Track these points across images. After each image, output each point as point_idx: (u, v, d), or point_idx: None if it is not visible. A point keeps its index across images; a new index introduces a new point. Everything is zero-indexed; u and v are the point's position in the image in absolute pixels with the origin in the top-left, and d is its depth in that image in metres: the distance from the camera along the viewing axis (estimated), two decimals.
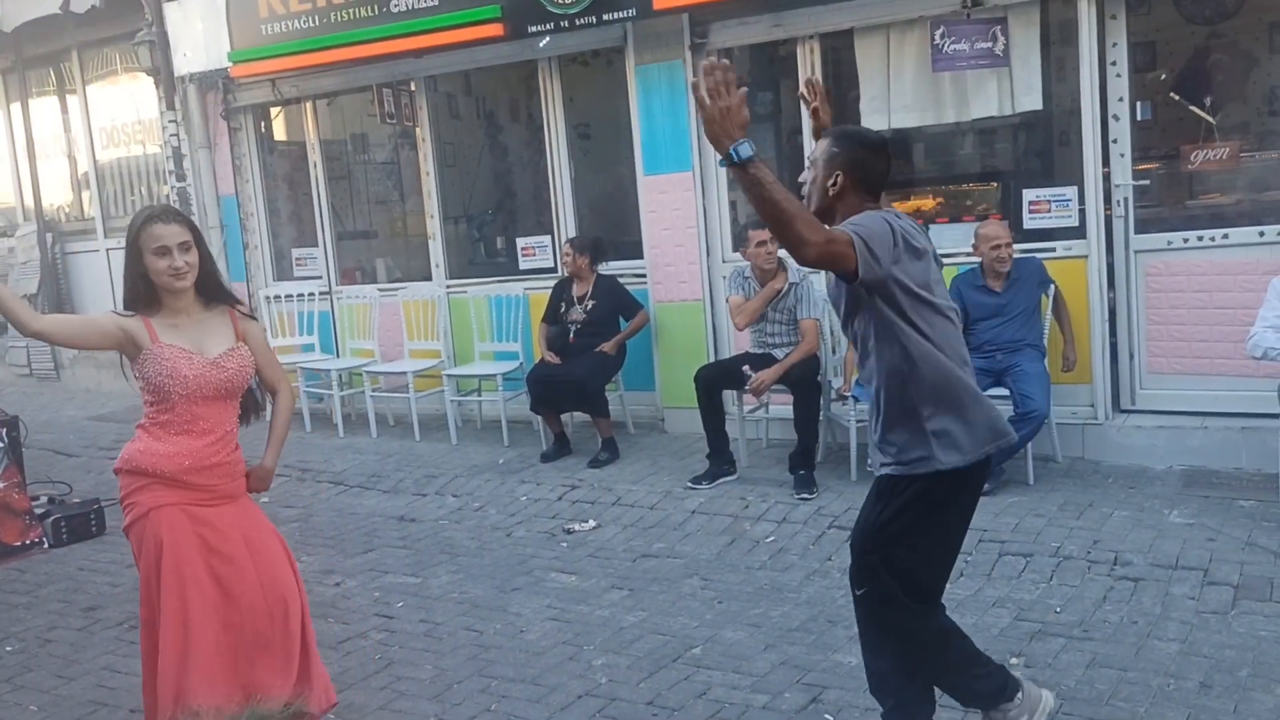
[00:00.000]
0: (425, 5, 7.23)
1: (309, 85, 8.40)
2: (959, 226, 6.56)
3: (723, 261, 6.94)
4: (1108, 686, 3.61)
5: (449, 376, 7.62)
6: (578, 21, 6.74)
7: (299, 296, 8.58)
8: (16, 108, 10.81)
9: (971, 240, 5.87)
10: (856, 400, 5.70)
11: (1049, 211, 6.06)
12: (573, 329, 6.91)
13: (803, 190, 3.07)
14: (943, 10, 6.08)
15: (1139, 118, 5.99)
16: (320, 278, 8.73)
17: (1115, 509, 5.13)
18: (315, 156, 8.66)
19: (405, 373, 7.73)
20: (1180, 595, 4.26)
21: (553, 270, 7.59)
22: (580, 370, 6.69)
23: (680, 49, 6.79)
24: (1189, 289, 5.81)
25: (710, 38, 6.76)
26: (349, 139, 9.31)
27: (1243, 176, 6.16)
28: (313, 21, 7.71)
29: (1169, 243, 5.87)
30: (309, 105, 8.61)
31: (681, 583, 4.86)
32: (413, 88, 8.10)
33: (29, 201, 10.98)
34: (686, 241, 6.97)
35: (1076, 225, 5.96)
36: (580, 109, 7.84)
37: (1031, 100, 6.04)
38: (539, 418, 7.02)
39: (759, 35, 6.70)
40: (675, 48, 6.81)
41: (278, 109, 9.00)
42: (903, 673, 3.14)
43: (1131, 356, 6.00)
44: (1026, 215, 6.12)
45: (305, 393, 8.28)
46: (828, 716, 3.57)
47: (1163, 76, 7.31)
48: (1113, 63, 5.81)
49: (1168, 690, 3.56)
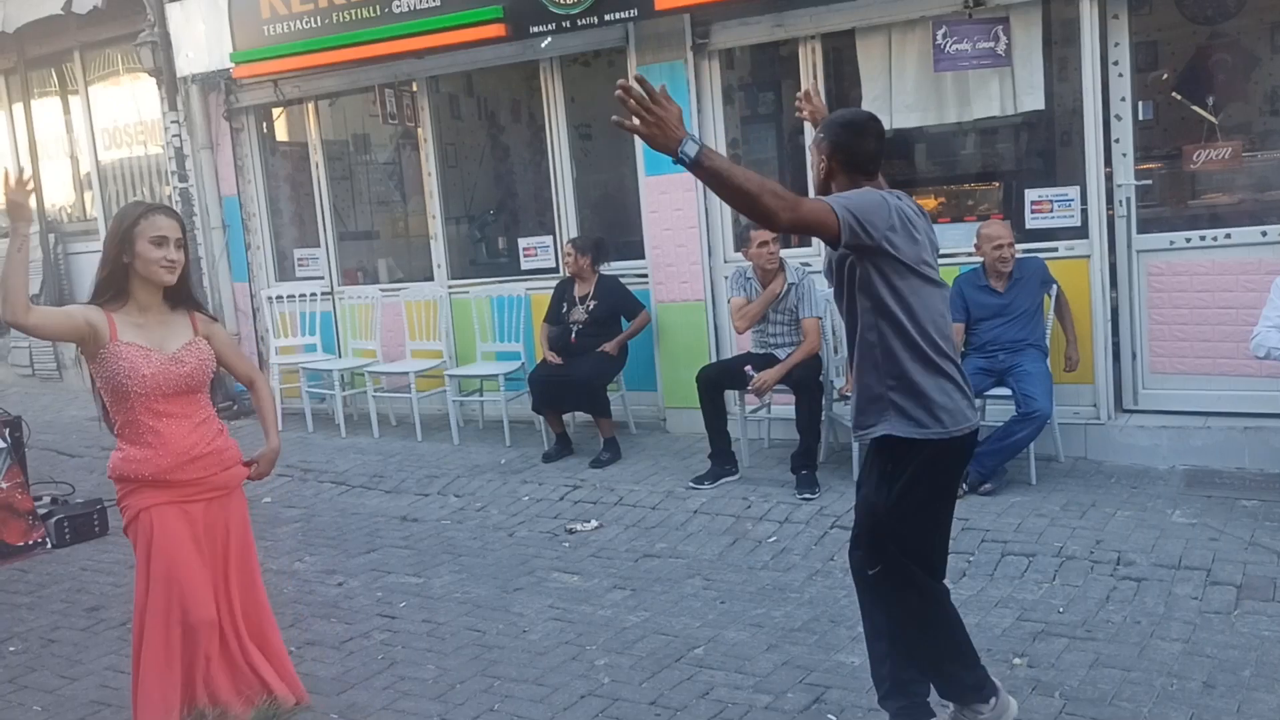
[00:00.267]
0: (427, 6, 7.23)
1: (311, 86, 8.41)
2: (961, 226, 6.55)
3: (724, 262, 6.94)
4: (1111, 686, 3.61)
5: (451, 377, 7.62)
6: (579, 22, 6.74)
7: (301, 297, 8.58)
8: (19, 108, 10.82)
9: (973, 240, 5.87)
10: None
11: (1051, 211, 6.05)
12: (574, 329, 6.92)
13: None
14: (944, 10, 6.08)
15: (1141, 117, 5.99)
16: (322, 278, 8.74)
17: (1118, 509, 5.13)
18: (317, 157, 8.67)
19: (407, 373, 7.73)
20: (1183, 595, 4.26)
21: (554, 270, 7.59)
22: (582, 370, 6.69)
23: (682, 49, 6.79)
24: (1191, 289, 5.81)
25: (712, 38, 6.77)
26: (351, 139, 9.32)
27: (1245, 176, 6.15)
28: (315, 22, 7.72)
29: (1171, 242, 5.86)
30: (311, 106, 8.61)
31: (684, 583, 4.86)
32: (414, 88, 8.11)
33: (31, 202, 10.96)
34: (688, 242, 6.97)
35: (1079, 225, 5.96)
36: (582, 109, 7.84)
37: (1033, 100, 6.04)
38: (541, 418, 7.02)
39: (760, 35, 6.70)
40: (677, 48, 6.81)
41: (280, 109, 9.00)
42: (903, 656, 3.21)
43: (1134, 356, 6.00)
44: (1029, 215, 6.12)
45: (307, 393, 8.29)
46: (831, 717, 3.57)
47: (1165, 76, 7.31)
48: (1115, 62, 5.81)
49: (1171, 690, 3.56)
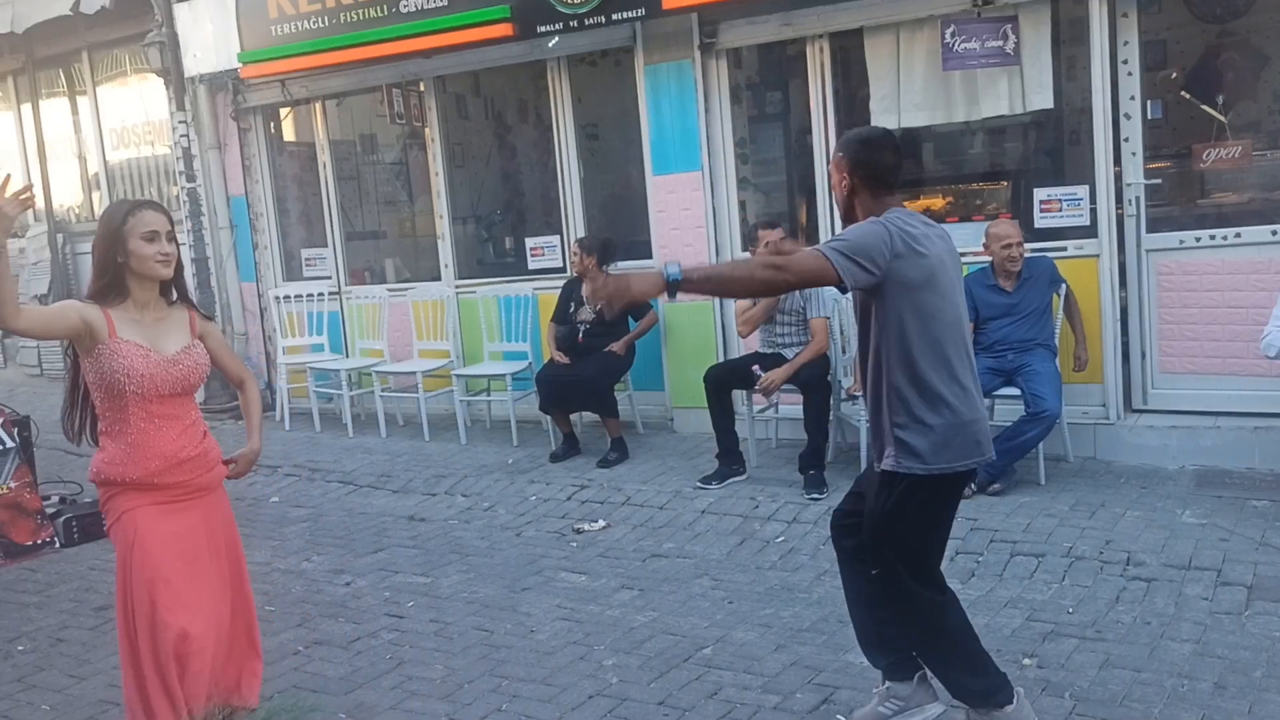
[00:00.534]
0: (434, 6, 7.24)
1: (318, 86, 8.41)
2: (969, 225, 6.54)
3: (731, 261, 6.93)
4: (1121, 687, 3.60)
5: (458, 376, 7.62)
6: (587, 21, 6.74)
7: (308, 297, 8.59)
8: (27, 109, 10.86)
9: (982, 239, 5.85)
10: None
11: (1060, 210, 6.04)
12: (582, 329, 6.91)
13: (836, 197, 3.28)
14: (953, 9, 6.06)
15: (1150, 116, 5.97)
16: (330, 278, 8.75)
17: (1127, 509, 5.12)
18: (324, 157, 8.68)
19: (414, 373, 7.73)
20: (1193, 596, 4.24)
21: (562, 270, 7.58)
22: (589, 370, 6.68)
23: (689, 49, 6.78)
24: (1201, 288, 5.79)
25: (719, 37, 6.76)
26: (358, 139, 9.33)
27: (1255, 175, 6.13)
28: (322, 22, 7.73)
29: (1181, 242, 5.84)
30: (318, 106, 8.62)
31: (692, 583, 4.85)
32: (422, 88, 8.11)
33: (40, 202, 11.01)
34: (695, 241, 6.96)
35: (1088, 224, 5.94)
36: (589, 109, 7.84)
37: (1042, 99, 6.02)
38: (548, 418, 7.02)
39: (768, 35, 6.69)
40: (684, 47, 6.81)
41: (287, 109, 9.02)
42: (928, 657, 3.31)
43: (1143, 356, 5.98)
44: (1037, 214, 6.10)
45: (314, 392, 8.29)
46: (839, 717, 3.56)
47: (1174, 75, 7.28)
48: (1124, 61, 5.79)
49: (1182, 691, 3.55)
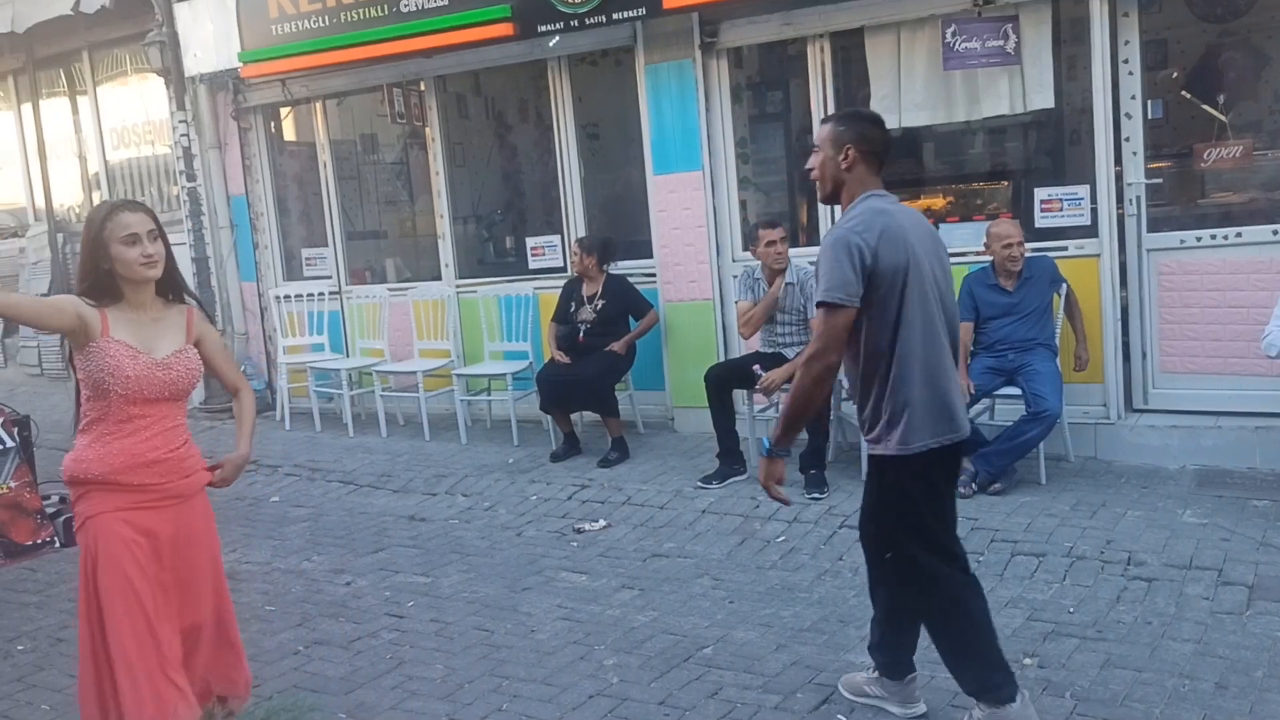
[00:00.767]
0: (435, 5, 7.23)
1: (319, 85, 8.41)
2: (970, 225, 6.54)
3: (733, 260, 6.93)
4: (1122, 687, 3.59)
5: (459, 376, 7.62)
6: (587, 21, 6.74)
7: (309, 296, 8.59)
8: (27, 108, 10.86)
9: (983, 239, 5.85)
10: None
11: (1061, 210, 6.03)
12: (582, 329, 6.91)
13: (811, 175, 3.36)
14: (954, 9, 6.06)
15: (1151, 116, 5.96)
16: (330, 277, 8.74)
17: (1128, 509, 5.11)
18: (325, 156, 8.68)
19: (415, 372, 7.73)
20: (1194, 595, 4.23)
21: (562, 270, 7.58)
22: (590, 370, 6.68)
23: (690, 48, 6.78)
24: (1202, 288, 5.78)
25: (720, 37, 6.76)
26: (359, 139, 9.33)
27: (1256, 175, 6.13)
28: (323, 21, 7.72)
29: (1181, 241, 5.84)
30: (319, 105, 8.62)
31: (692, 582, 4.85)
32: (422, 88, 8.11)
33: (40, 202, 11.03)
34: (696, 241, 6.96)
35: (1088, 224, 5.93)
36: (590, 108, 7.83)
37: (1043, 98, 6.02)
38: (549, 417, 7.01)
39: (769, 34, 6.69)
40: (685, 47, 6.80)
41: (288, 109, 9.02)
42: (938, 642, 3.35)
43: (1144, 356, 5.98)
44: (1038, 214, 6.10)
45: (315, 392, 8.29)
46: (840, 717, 3.56)
47: (1175, 74, 7.28)
48: (1125, 60, 5.78)
49: (1183, 691, 3.54)
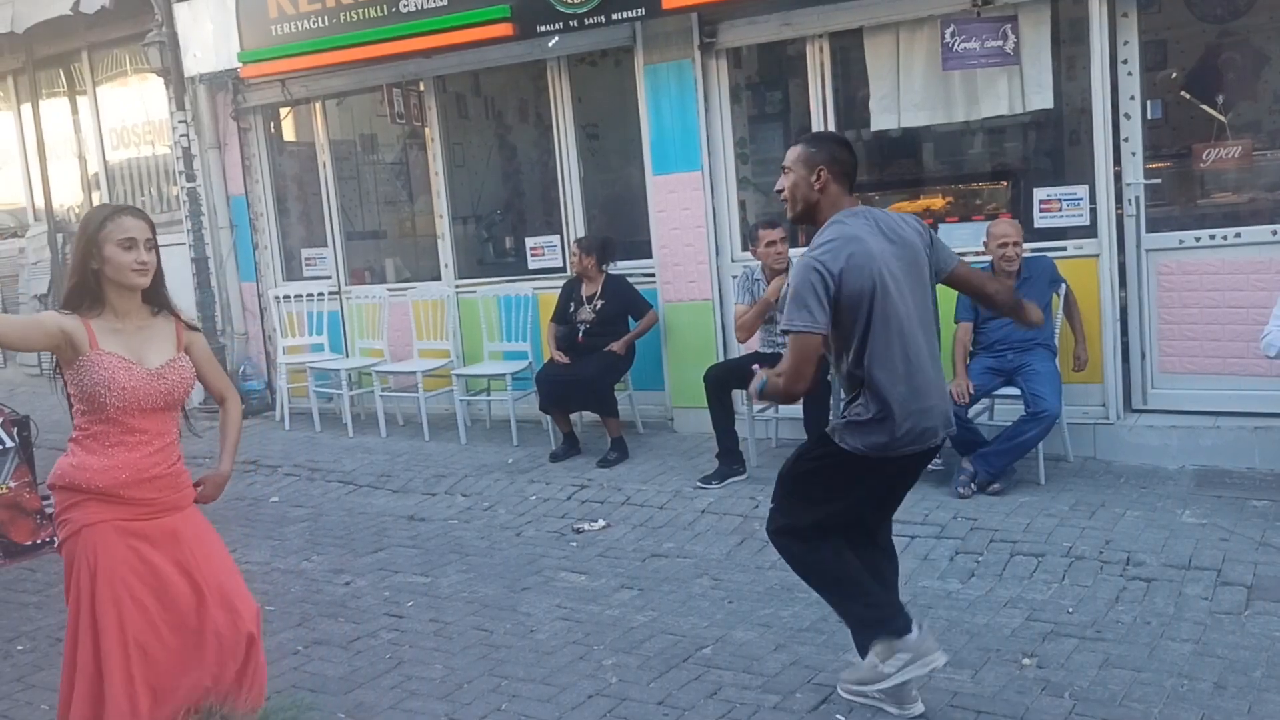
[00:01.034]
0: (434, 5, 7.23)
1: (318, 85, 8.41)
2: (969, 225, 6.54)
3: (732, 261, 6.93)
4: (1121, 687, 3.60)
5: (458, 376, 7.62)
6: (586, 21, 6.74)
7: (308, 296, 8.59)
8: (27, 109, 10.85)
9: (983, 239, 5.85)
10: None
11: (1060, 210, 6.04)
12: (582, 329, 6.91)
13: (781, 196, 3.42)
14: (953, 9, 6.06)
15: (1150, 116, 5.97)
16: (330, 278, 8.75)
17: (1127, 509, 5.11)
18: (324, 157, 8.68)
19: (414, 372, 7.73)
20: (1193, 596, 4.24)
21: (562, 270, 7.58)
22: (589, 370, 6.68)
23: (689, 48, 6.78)
24: (1201, 288, 5.78)
25: (719, 37, 6.76)
26: (358, 139, 9.33)
27: (1255, 175, 6.13)
28: (322, 22, 7.73)
29: (1181, 241, 5.84)
30: (318, 105, 8.62)
31: (691, 582, 4.85)
32: (422, 88, 8.11)
33: (39, 202, 11.02)
34: (695, 241, 6.96)
35: (1088, 224, 5.94)
36: (589, 109, 7.84)
37: (1042, 99, 6.02)
38: (548, 417, 7.02)
39: (768, 34, 6.69)
40: (684, 47, 6.81)
41: (287, 109, 9.02)
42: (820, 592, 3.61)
43: (1143, 356, 5.98)
44: (1037, 214, 6.10)
45: (314, 392, 8.30)
46: (839, 717, 3.55)
47: (1174, 75, 7.28)
48: (1124, 61, 5.79)
49: (1181, 691, 3.55)
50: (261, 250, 9.05)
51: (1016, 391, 5.52)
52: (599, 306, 6.89)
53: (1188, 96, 6.91)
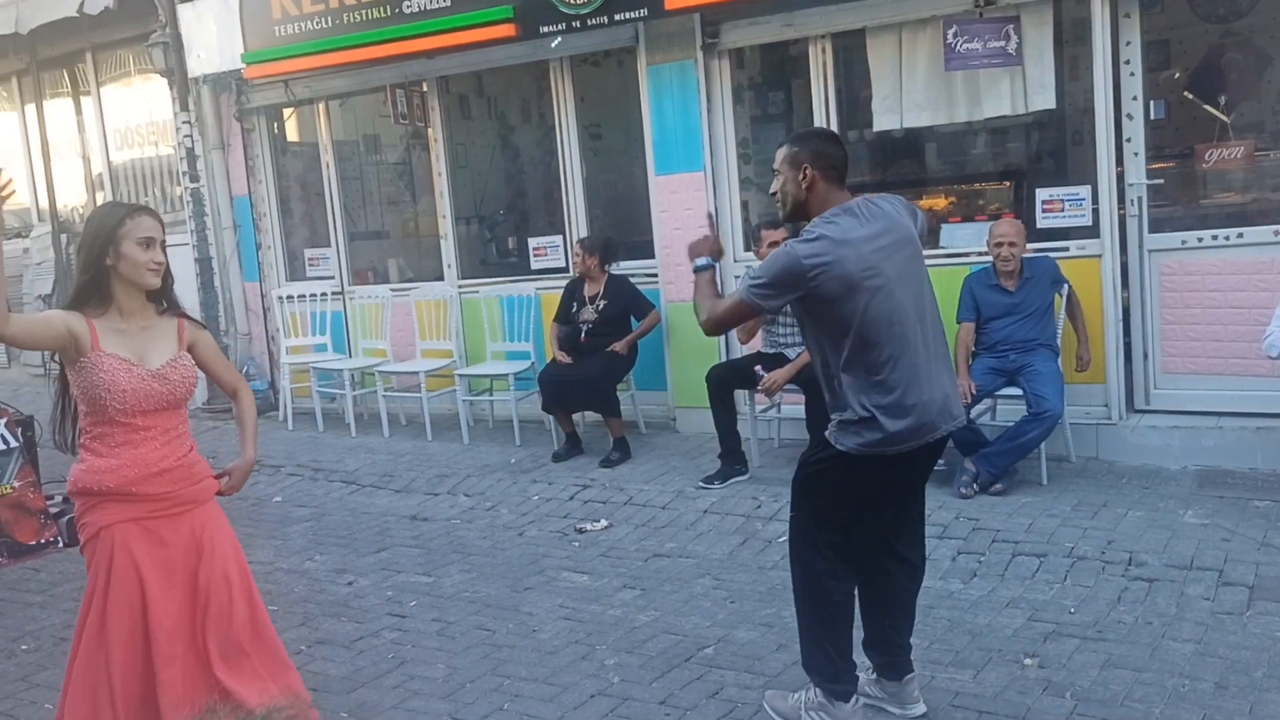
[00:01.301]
0: (437, 6, 7.25)
1: (322, 86, 8.43)
2: (972, 225, 6.54)
3: (734, 261, 6.93)
4: (1122, 687, 3.60)
5: (461, 376, 7.63)
6: (589, 22, 6.75)
7: (312, 296, 8.60)
8: (31, 109, 10.88)
9: (985, 239, 5.85)
10: None
11: (1062, 211, 6.04)
12: (584, 329, 6.92)
13: (776, 198, 3.40)
14: (955, 9, 6.06)
15: (1153, 116, 5.96)
16: (333, 278, 8.76)
17: (1129, 509, 5.11)
18: (328, 157, 8.69)
19: (417, 372, 7.74)
20: (1195, 596, 4.24)
21: (564, 270, 7.59)
22: (592, 370, 6.69)
23: (692, 49, 6.79)
24: (1203, 288, 5.78)
25: (721, 37, 6.77)
26: (361, 140, 9.34)
27: (1257, 175, 6.12)
28: (325, 22, 7.74)
29: (1183, 242, 5.84)
30: (322, 106, 8.64)
31: (694, 582, 4.86)
32: (425, 88, 8.12)
33: (43, 203, 11.04)
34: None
35: (1090, 224, 5.94)
36: (592, 109, 7.84)
37: (1045, 99, 6.02)
38: (550, 417, 7.02)
39: (770, 35, 6.69)
40: (687, 48, 6.81)
41: (291, 110, 9.04)
42: (800, 616, 3.55)
43: (1145, 356, 5.98)
44: (1040, 214, 6.10)
45: (317, 392, 8.31)
46: None
47: (1177, 75, 7.28)
48: (1126, 61, 5.78)
49: (1183, 691, 3.55)
50: (265, 250, 9.06)
51: (1019, 392, 5.52)
52: (601, 307, 6.89)
53: (1190, 97, 6.91)
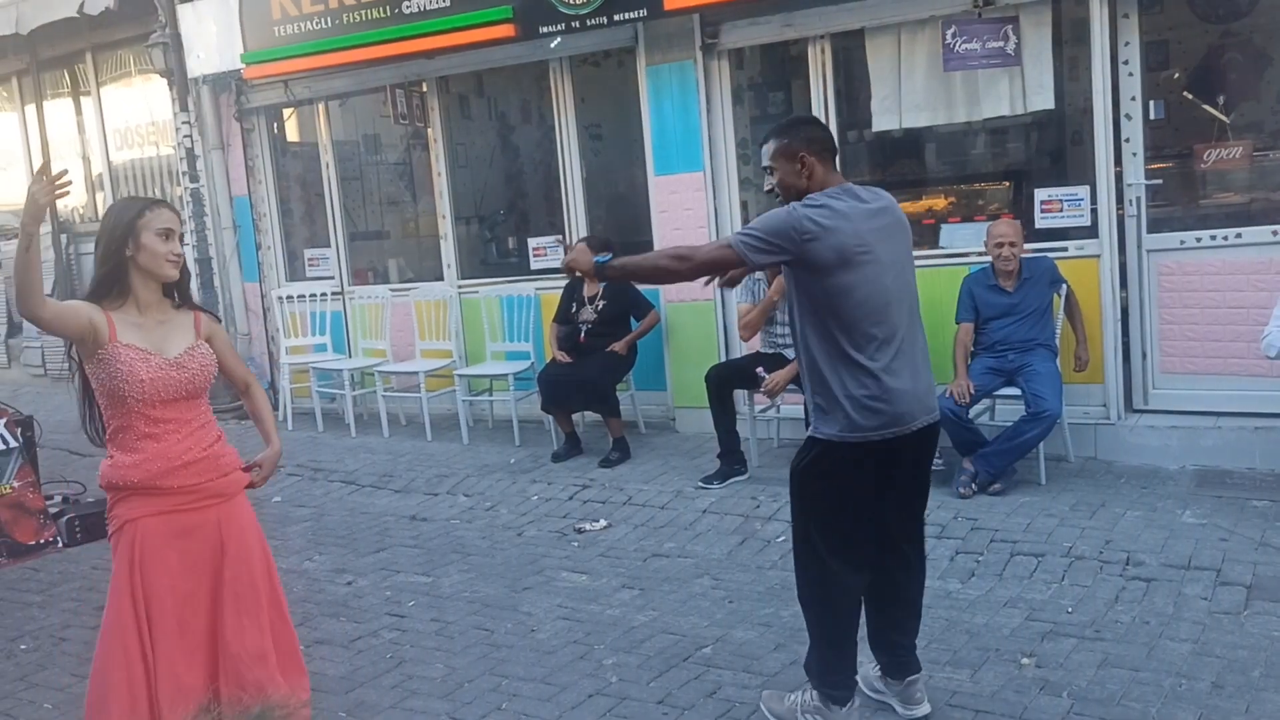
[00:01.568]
0: (437, 6, 7.25)
1: (321, 86, 8.43)
2: (971, 226, 6.54)
3: None
4: (1119, 687, 3.60)
5: (460, 376, 7.64)
6: (589, 22, 6.75)
7: (311, 297, 8.61)
8: (31, 110, 10.89)
9: (984, 239, 5.86)
10: None
11: (1061, 211, 6.04)
12: (584, 329, 6.92)
13: (774, 195, 3.36)
14: (954, 10, 6.07)
15: (1152, 117, 5.96)
16: (333, 278, 8.76)
17: (1127, 509, 5.12)
18: (327, 157, 8.70)
19: (417, 372, 7.75)
20: (1193, 595, 4.24)
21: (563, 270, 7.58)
22: (591, 370, 6.70)
23: (691, 49, 6.80)
24: (1202, 288, 5.79)
25: (721, 38, 6.77)
26: (361, 140, 9.35)
27: (1256, 175, 6.13)
28: (325, 23, 7.75)
29: (1182, 242, 5.84)
30: (321, 106, 8.64)
31: (692, 582, 4.86)
32: (424, 88, 8.13)
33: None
34: (697, 242, 6.95)
35: (1089, 225, 5.94)
36: (591, 109, 7.85)
37: (1043, 99, 6.02)
38: (550, 417, 7.03)
39: (770, 35, 6.70)
40: (686, 48, 6.82)
41: (290, 110, 9.05)
42: (808, 622, 3.48)
43: (1144, 356, 5.98)
44: (1038, 215, 6.10)
45: (317, 392, 8.32)
46: None
47: (1175, 75, 7.28)
48: (1125, 61, 5.79)
49: (1180, 690, 3.55)
50: (264, 251, 9.07)
51: (1017, 392, 5.53)
52: (601, 307, 6.90)
53: (1189, 97, 6.91)
